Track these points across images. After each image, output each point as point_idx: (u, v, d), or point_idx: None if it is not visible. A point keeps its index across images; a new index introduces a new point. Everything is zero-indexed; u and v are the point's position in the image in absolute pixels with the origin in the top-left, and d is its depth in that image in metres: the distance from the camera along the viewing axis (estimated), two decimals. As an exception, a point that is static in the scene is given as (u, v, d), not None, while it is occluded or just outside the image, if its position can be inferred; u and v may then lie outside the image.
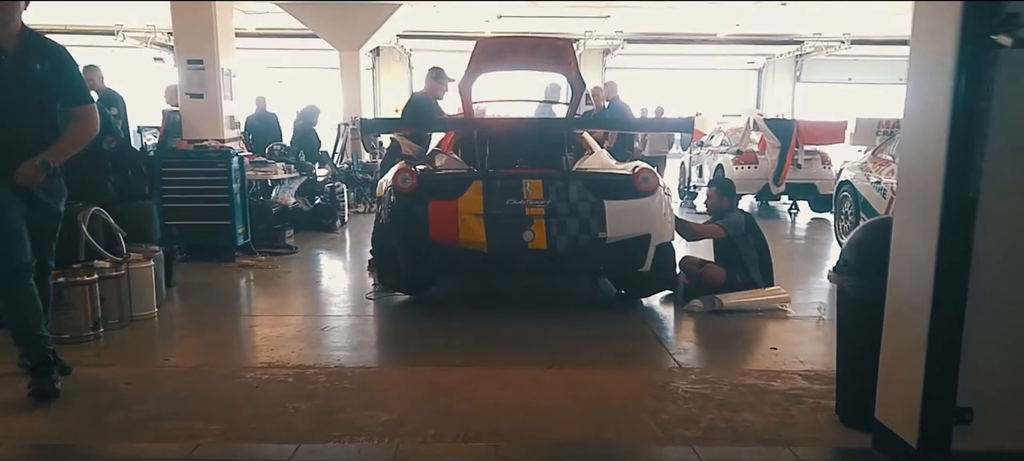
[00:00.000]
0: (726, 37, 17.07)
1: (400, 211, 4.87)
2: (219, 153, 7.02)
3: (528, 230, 4.74)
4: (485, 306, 5.21)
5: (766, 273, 5.53)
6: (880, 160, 7.16)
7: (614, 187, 4.93)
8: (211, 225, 7.00)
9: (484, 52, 5.23)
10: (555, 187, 4.84)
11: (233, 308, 5.29)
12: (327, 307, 5.33)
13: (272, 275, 6.45)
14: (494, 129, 5.31)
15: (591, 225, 4.76)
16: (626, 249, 4.86)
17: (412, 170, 4.95)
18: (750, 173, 11.25)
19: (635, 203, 4.87)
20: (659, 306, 5.35)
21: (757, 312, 5.06)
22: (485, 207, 4.77)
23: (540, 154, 5.39)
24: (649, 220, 4.89)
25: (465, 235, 4.75)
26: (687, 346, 4.45)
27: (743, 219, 5.57)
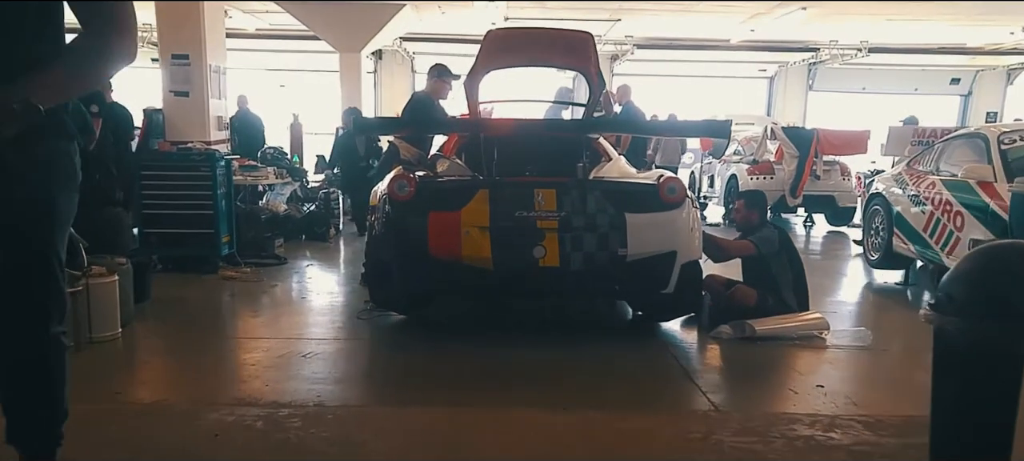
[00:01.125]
0: (739, 44, 16.53)
1: (395, 222, 4.35)
2: (203, 156, 6.49)
3: (539, 246, 4.21)
4: (489, 330, 4.66)
5: (801, 296, 4.98)
6: (917, 172, 6.61)
7: (637, 198, 4.40)
8: (193, 234, 6.47)
9: (494, 45, 4.68)
10: (570, 197, 4.31)
11: (208, 328, 4.76)
12: (312, 328, 4.79)
13: (256, 289, 5.92)
14: (502, 132, 4.77)
15: (610, 241, 4.23)
16: (649, 268, 4.32)
17: (410, 176, 4.42)
18: (766, 184, 10.68)
19: (660, 217, 4.34)
20: (681, 331, 4.81)
21: (792, 340, 4.51)
22: (492, 219, 4.24)
23: (553, 160, 4.86)
24: (675, 236, 4.35)
25: (468, 250, 4.22)
26: (720, 382, 3.91)
27: (777, 235, 5.03)
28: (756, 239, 4.95)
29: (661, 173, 4.68)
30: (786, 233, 5.16)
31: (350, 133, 7.85)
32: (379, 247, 4.55)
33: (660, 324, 4.84)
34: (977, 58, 17.65)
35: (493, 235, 4.21)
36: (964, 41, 15.88)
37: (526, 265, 4.22)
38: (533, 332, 4.63)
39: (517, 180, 4.50)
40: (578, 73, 5.17)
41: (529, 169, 4.78)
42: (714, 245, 4.94)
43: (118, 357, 4.04)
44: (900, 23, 13.94)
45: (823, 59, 17.60)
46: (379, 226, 4.51)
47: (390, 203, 4.37)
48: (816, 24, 13.98)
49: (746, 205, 5.17)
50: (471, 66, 4.64)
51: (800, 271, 5.05)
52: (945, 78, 19.14)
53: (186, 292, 5.75)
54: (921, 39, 15.83)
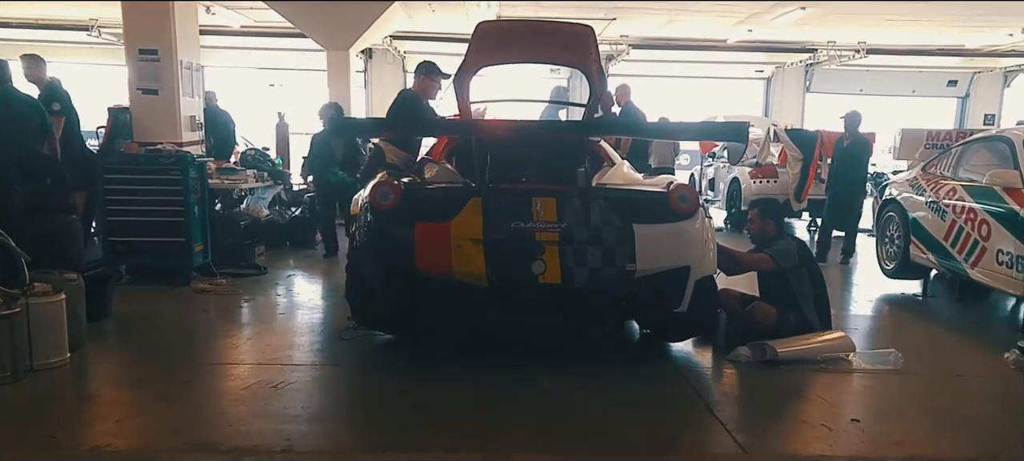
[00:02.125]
0: (736, 44, 16.18)
1: (378, 234, 3.91)
2: (174, 158, 6.03)
3: (538, 260, 3.78)
4: (483, 353, 4.22)
5: (823, 313, 4.58)
6: (934, 177, 6.23)
7: (645, 207, 3.97)
8: (164, 243, 6.01)
9: (485, 40, 4.23)
10: (572, 207, 3.88)
11: (171, 352, 4.28)
12: (288, 350, 4.34)
13: (231, 304, 5.46)
14: (497, 134, 4.33)
15: (617, 255, 3.81)
16: (659, 285, 3.91)
17: (394, 183, 3.98)
18: (769, 187, 10.31)
19: (671, 228, 3.91)
20: (695, 352, 4.39)
21: (817, 363, 4.10)
22: (485, 231, 3.81)
23: (551, 165, 4.43)
24: (688, 249, 3.93)
25: (460, 265, 3.79)
26: (744, 416, 3.49)
27: (796, 247, 4.63)
28: (773, 252, 4.55)
29: (670, 180, 4.26)
30: (805, 244, 4.76)
31: (327, 134, 7.29)
32: (361, 261, 4.11)
33: (670, 345, 4.42)
34: (974, 60, 17.39)
35: (487, 248, 3.79)
36: (962, 43, 15.60)
37: (524, 282, 3.80)
38: (532, 354, 4.19)
39: (513, 187, 4.07)
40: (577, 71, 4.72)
41: (526, 175, 4.35)
42: (728, 258, 4.52)
43: (62, 389, 3.56)
44: (898, 24, 13.63)
45: (821, 60, 17.28)
46: (360, 237, 4.07)
47: (372, 212, 3.93)
48: (814, 25, 13.65)
49: (761, 215, 4.75)
50: (460, 63, 4.18)
51: (821, 286, 4.64)
52: (942, 80, 18.88)
53: (153, 307, 5.28)
54: (919, 40, 15.53)
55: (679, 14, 13.36)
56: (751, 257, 4.66)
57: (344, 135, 4.72)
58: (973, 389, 3.93)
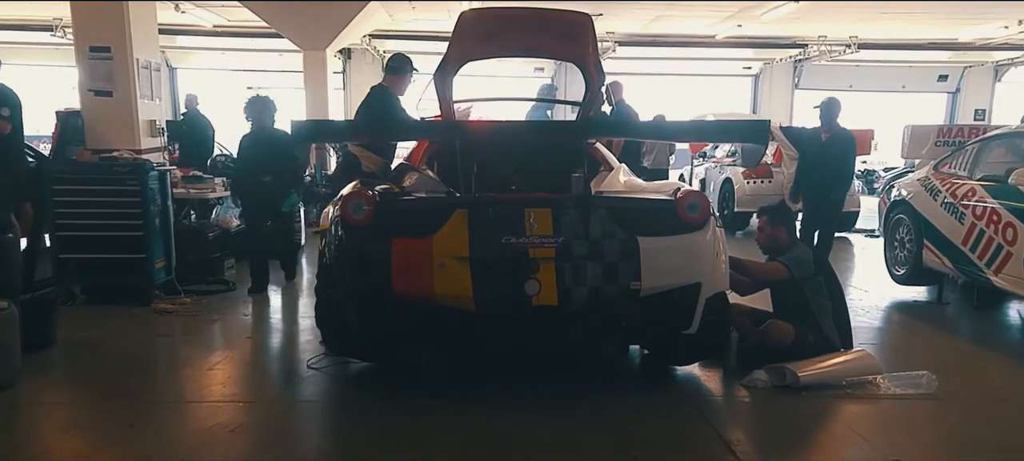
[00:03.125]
0: (725, 40, 15.83)
1: (350, 252, 3.45)
2: (130, 167, 5.52)
3: (532, 279, 3.35)
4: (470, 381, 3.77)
5: (843, 328, 4.19)
6: (948, 177, 5.87)
7: (651, 218, 3.55)
8: (121, 259, 5.51)
9: (469, 31, 3.78)
10: (569, 218, 3.44)
11: (116, 387, 3.77)
12: (252, 382, 3.87)
13: (193, 326, 4.97)
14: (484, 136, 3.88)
15: (620, 272, 3.38)
16: (668, 304, 3.49)
17: (368, 193, 3.52)
18: (763, 188, 9.95)
19: (680, 240, 3.49)
20: (705, 376, 3.97)
21: (842, 388, 3.70)
22: (472, 247, 3.37)
23: (545, 171, 4.00)
24: (699, 263, 3.51)
25: (443, 287, 3.35)
26: (768, 456, 3.07)
27: (811, 255, 4.23)
28: (787, 261, 4.14)
29: (677, 185, 3.83)
30: (821, 253, 4.34)
31: (260, 138, 6.04)
32: (331, 282, 3.65)
33: (677, 368, 4.00)
34: (965, 55, 17.16)
35: (474, 268, 3.35)
36: (955, 36, 15.35)
37: (516, 304, 3.36)
38: (522, 381, 3.76)
39: (503, 198, 3.63)
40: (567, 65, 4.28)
41: (516, 183, 3.91)
42: (739, 271, 4.10)
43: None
44: (891, 18, 13.33)
45: (810, 56, 16.98)
46: (330, 255, 3.61)
47: (343, 228, 3.48)
48: (806, 19, 13.33)
49: (770, 221, 4.34)
50: (442, 57, 3.72)
51: (840, 297, 4.25)
52: (933, 75, 18.66)
53: (104, 333, 4.79)
54: (911, 34, 15.26)
55: (667, 10, 12.98)
56: (763, 268, 4.25)
57: (305, 143, 4.08)
58: (1010, 414, 3.54)
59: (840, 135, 6.61)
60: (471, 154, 3.83)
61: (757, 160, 9.97)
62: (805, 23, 14.00)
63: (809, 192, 6.64)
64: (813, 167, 6.59)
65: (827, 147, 6.55)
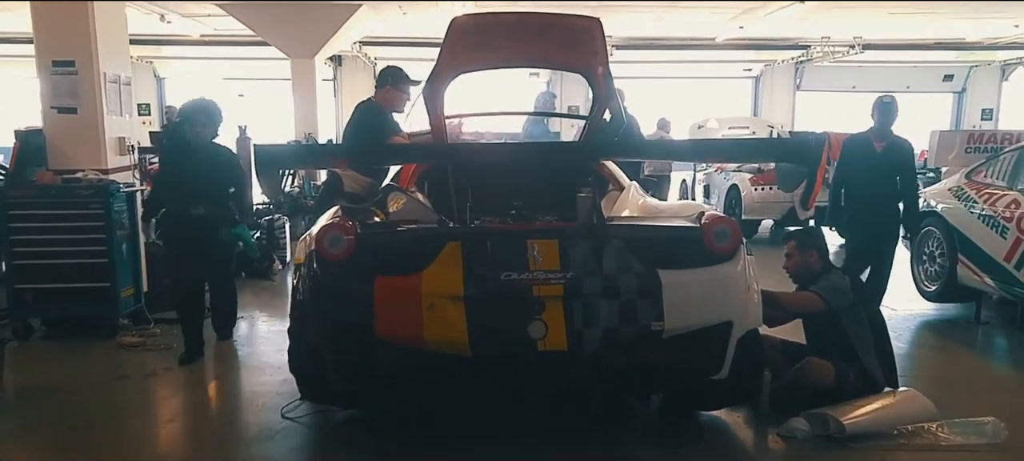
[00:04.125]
0: (725, 42, 15.41)
1: (326, 291, 2.99)
2: (93, 189, 5.06)
3: (537, 321, 2.89)
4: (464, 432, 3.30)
5: (887, 364, 3.72)
6: (983, 186, 5.42)
7: (673, 248, 3.08)
8: (84, 289, 5.05)
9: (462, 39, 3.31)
10: (579, 250, 2.98)
11: (63, 443, 3.30)
12: (217, 435, 3.39)
13: (159, 363, 4.49)
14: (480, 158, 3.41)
15: (639, 311, 2.92)
16: (694, 347, 3.02)
17: (346, 224, 3.05)
18: (771, 195, 9.52)
19: (707, 274, 3.03)
20: (734, 423, 3.50)
21: (895, 438, 3.23)
22: (467, 285, 2.91)
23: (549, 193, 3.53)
24: (729, 299, 3.05)
25: (434, 332, 2.89)
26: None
27: (849, 282, 3.76)
28: (822, 289, 3.67)
29: (701, 209, 3.37)
30: (859, 278, 3.87)
31: (192, 157, 4.64)
32: (305, 324, 3.18)
33: (702, 412, 3.53)
34: (971, 54, 16.78)
35: (470, 309, 2.89)
36: (963, 35, 14.95)
37: (519, 350, 2.90)
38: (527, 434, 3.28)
39: (502, 227, 3.16)
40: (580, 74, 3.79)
41: (517, 207, 3.44)
42: (769, 303, 3.63)
43: None
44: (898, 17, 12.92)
45: (813, 57, 16.55)
46: (304, 293, 3.15)
47: (319, 263, 3.01)
48: (810, 19, 12.90)
49: (799, 245, 3.88)
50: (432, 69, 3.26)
51: (882, 329, 3.78)
52: (938, 75, 18.25)
53: (61, 372, 4.32)
54: (918, 34, 14.85)
55: (668, 11, 12.55)
56: (796, 298, 3.78)
57: (270, 171, 3.37)
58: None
59: (899, 145, 5.12)
60: (465, 176, 3.36)
61: (796, 183, 9.37)
62: (809, 23, 13.59)
63: (859, 218, 5.10)
64: (863, 185, 5.06)
65: (883, 160, 5.04)
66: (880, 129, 5.11)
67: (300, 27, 11.40)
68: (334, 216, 3.28)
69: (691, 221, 3.20)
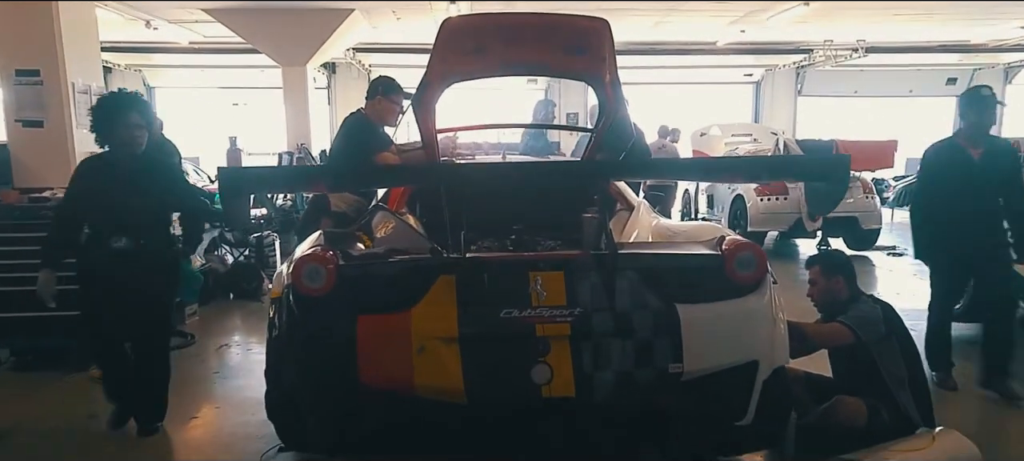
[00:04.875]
0: (726, 47, 15.14)
1: (303, 332, 2.66)
2: (62, 210, 4.72)
3: (541, 364, 2.57)
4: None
5: (922, 400, 3.39)
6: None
7: (692, 279, 2.76)
8: (53, 318, 4.67)
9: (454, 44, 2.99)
10: (588, 283, 2.67)
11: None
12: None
13: (130, 402, 4.15)
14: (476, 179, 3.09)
15: (656, 351, 2.60)
16: (716, 391, 2.70)
17: (326, 255, 2.73)
18: (778, 205, 9.21)
19: (730, 307, 2.71)
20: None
21: (936, 486, 2.91)
22: (462, 324, 2.59)
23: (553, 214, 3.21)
24: (755, 336, 2.73)
25: (425, 377, 2.57)
26: None
27: (880, 311, 3.43)
28: (850, 320, 3.35)
29: (722, 233, 3.04)
30: (890, 306, 3.55)
31: (119, 168, 3.53)
32: (281, 366, 2.85)
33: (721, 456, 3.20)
34: (975, 57, 16.53)
35: (465, 351, 2.57)
36: (967, 38, 14.69)
37: (522, 397, 2.58)
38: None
39: (501, 256, 2.84)
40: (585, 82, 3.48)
41: (517, 232, 3.11)
42: (795, 335, 3.31)
43: None
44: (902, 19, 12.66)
45: (815, 61, 16.28)
46: (280, 331, 2.82)
47: (296, 299, 2.68)
48: (814, 22, 12.63)
49: (825, 271, 3.55)
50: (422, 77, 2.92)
51: (916, 361, 3.47)
52: (941, 78, 17.99)
53: (23, 409, 4.02)
54: (921, 36, 14.58)
55: (669, 14, 12.26)
56: (822, 330, 3.45)
57: (237, 196, 2.89)
58: None
59: (1001, 149, 4.18)
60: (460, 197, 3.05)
61: (832, 206, 8.89)
62: (812, 26, 13.31)
63: (952, 245, 4.14)
64: (958, 204, 4.05)
65: (982, 170, 4.04)
66: (975, 131, 4.07)
67: (290, 34, 11.12)
68: (314, 244, 2.95)
69: (711, 247, 2.88)
